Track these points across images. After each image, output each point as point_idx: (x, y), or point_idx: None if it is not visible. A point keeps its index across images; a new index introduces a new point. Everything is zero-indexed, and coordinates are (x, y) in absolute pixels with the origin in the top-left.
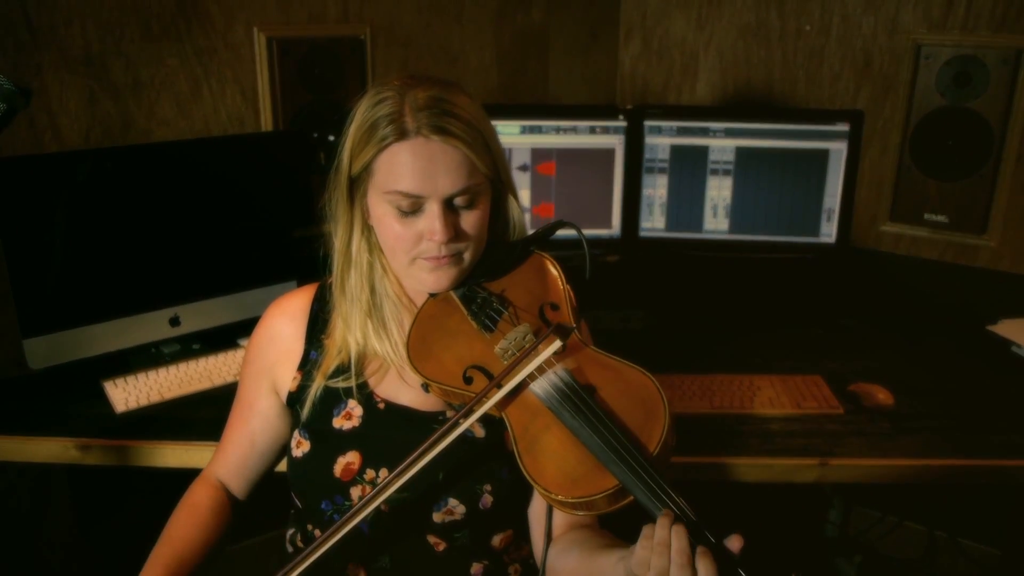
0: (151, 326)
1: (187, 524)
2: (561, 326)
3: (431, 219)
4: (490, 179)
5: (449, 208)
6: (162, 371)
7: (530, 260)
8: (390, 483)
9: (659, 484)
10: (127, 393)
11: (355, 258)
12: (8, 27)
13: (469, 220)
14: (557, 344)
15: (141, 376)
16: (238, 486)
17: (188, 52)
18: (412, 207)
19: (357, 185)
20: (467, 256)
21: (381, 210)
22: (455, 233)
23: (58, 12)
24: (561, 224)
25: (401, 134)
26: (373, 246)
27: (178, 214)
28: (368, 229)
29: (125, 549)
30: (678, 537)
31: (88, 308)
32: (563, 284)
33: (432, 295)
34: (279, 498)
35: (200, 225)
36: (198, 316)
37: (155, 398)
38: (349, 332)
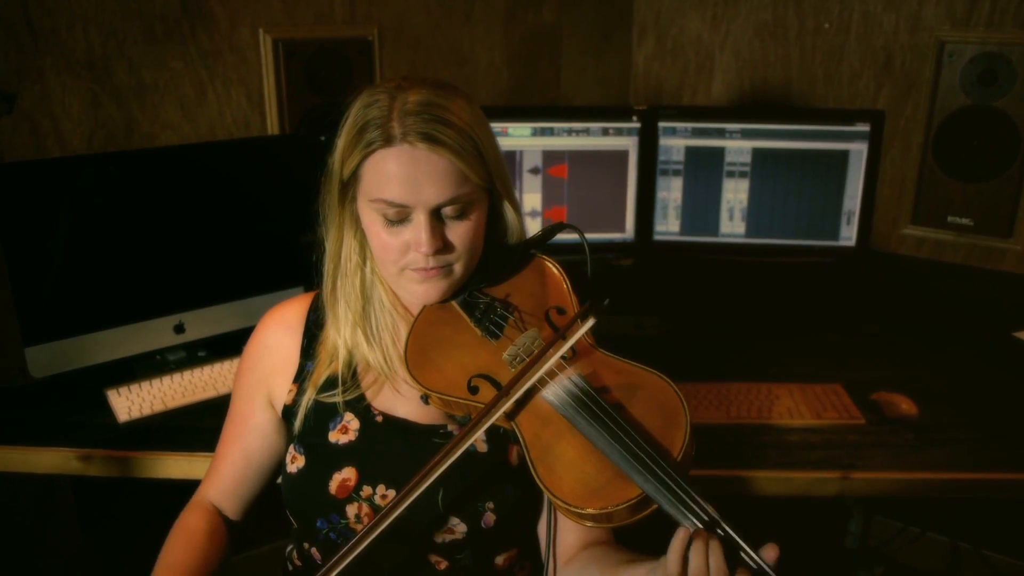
0: (155, 333)
1: (184, 550)
2: (593, 303)
3: (417, 229)
4: (484, 188)
5: (437, 218)
6: (166, 379)
7: (532, 264)
8: (399, 502)
9: (686, 491)
10: (130, 402)
11: (346, 264)
12: (9, 30)
13: (459, 231)
14: (591, 322)
15: (145, 385)
16: (232, 507)
17: (192, 55)
18: (398, 216)
19: (347, 189)
20: (458, 268)
21: (369, 217)
22: (443, 244)
23: (60, 15)
24: (561, 227)
25: (387, 140)
26: (365, 252)
27: (183, 219)
28: (360, 234)
29: (129, 559)
30: (715, 557)
31: (91, 315)
32: (568, 287)
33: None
34: (280, 509)
35: (205, 230)
36: (203, 323)
37: (158, 407)
38: (340, 339)
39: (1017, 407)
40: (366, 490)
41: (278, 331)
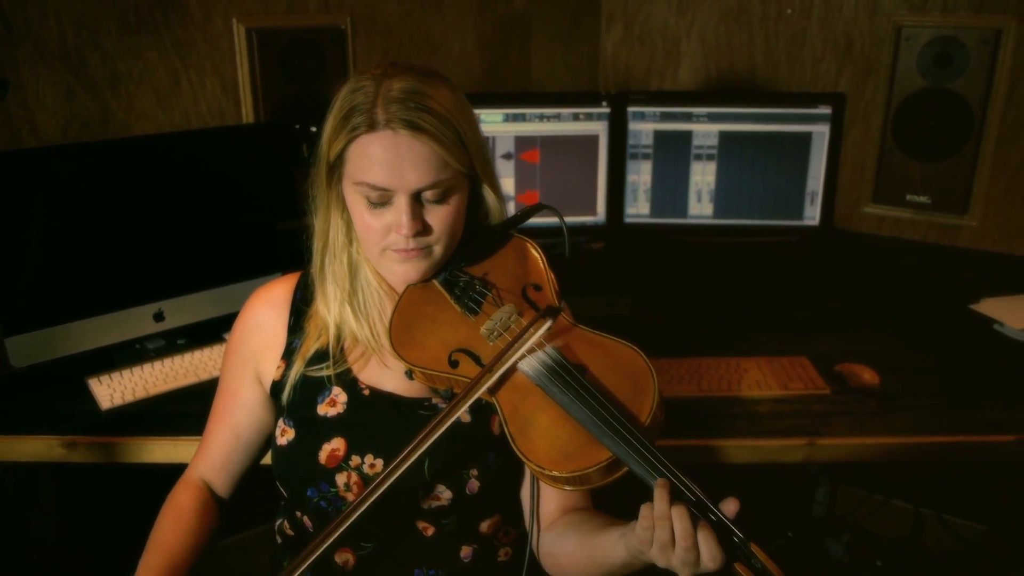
0: (135, 322)
1: (174, 530)
2: (550, 308)
3: (398, 212)
4: (465, 174)
5: (417, 202)
6: (147, 367)
7: (511, 244)
8: (389, 474)
9: (652, 453)
10: (112, 390)
11: (333, 244)
12: None
13: (439, 215)
14: (548, 324)
15: (126, 372)
16: (222, 483)
17: (166, 44)
18: (380, 199)
19: (333, 171)
20: (437, 250)
21: (352, 199)
22: (423, 227)
23: (33, 5)
24: (540, 207)
25: (371, 125)
26: (351, 232)
27: (160, 208)
28: (347, 215)
29: (113, 547)
30: (679, 514)
31: (70, 305)
32: (544, 265)
33: (412, 283)
34: (268, 491)
35: (183, 219)
36: (182, 311)
37: (141, 394)
38: (329, 316)
39: (973, 375)
40: (355, 459)
41: (265, 309)
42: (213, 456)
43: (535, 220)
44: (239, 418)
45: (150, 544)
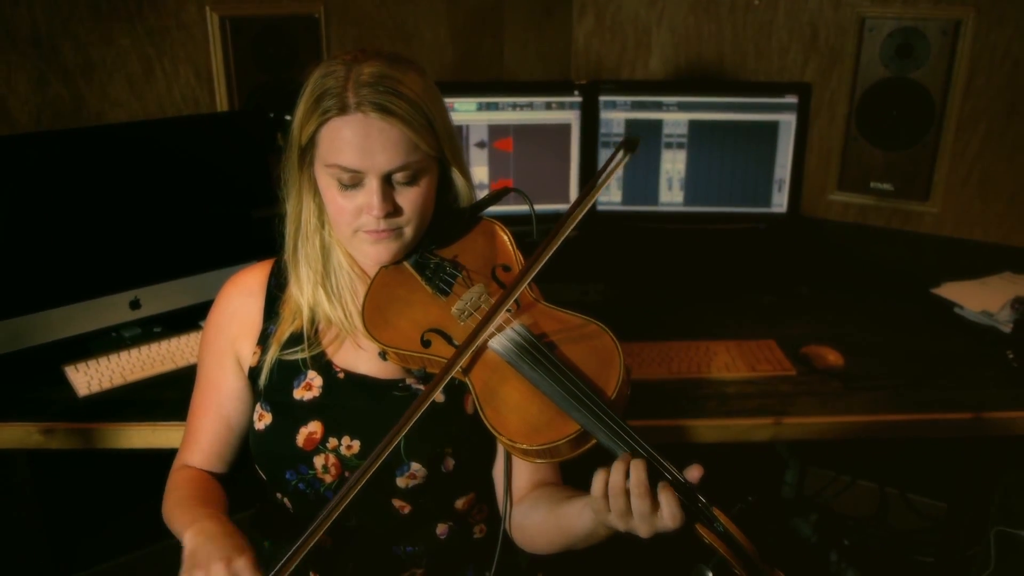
0: (111, 310)
1: (188, 486)
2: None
3: (369, 194)
4: (434, 157)
5: (388, 184)
6: (123, 354)
7: (479, 226)
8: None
9: (620, 425)
10: (89, 377)
11: (306, 227)
12: None
13: (409, 196)
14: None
15: (103, 360)
16: (219, 469)
17: (140, 32)
18: (352, 181)
19: (305, 154)
20: (408, 231)
21: (324, 182)
22: (394, 208)
23: None
24: (507, 191)
25: (342, 109)
26: (323, 215)
27: (135, 196)
28: (319, 198)
29: (90, 534)
30: (636, 470)
31: (46, 293)
32: (512, 246)
33: (384, 265)
34: (248, 478)
35: (158, 207)
36: (158, 299)
37: (118, 381)
38: (303, 299)
39: (933, 357)
40: (332, 442)
41: (241, 297)
42: (206, 450)
43: (506, 208)
44: (230, 408)
45: (174, 504)
